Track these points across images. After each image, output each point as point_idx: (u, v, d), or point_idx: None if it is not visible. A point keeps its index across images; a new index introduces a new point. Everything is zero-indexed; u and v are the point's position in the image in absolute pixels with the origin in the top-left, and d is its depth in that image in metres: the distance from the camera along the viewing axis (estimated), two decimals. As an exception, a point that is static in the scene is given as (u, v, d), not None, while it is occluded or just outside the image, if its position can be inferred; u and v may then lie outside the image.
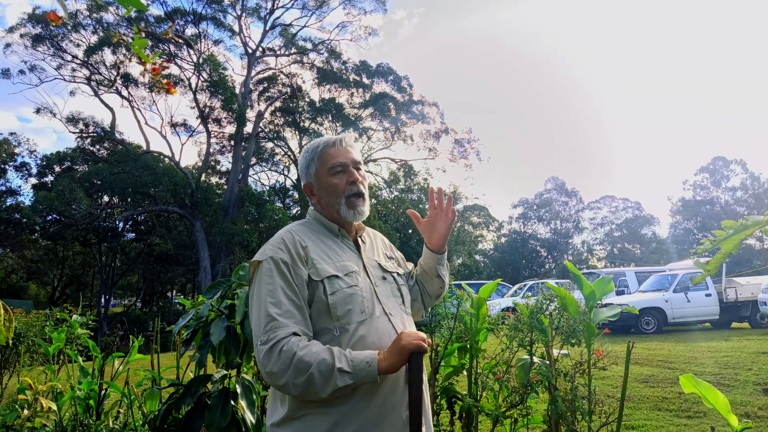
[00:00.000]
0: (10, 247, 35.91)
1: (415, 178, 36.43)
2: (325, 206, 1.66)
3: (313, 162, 1.67)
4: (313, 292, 1.48)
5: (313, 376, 1.33)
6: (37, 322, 5.22)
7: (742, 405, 5.35)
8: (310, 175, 1.68)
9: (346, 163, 1.65)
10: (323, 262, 1.53)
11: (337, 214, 1.64)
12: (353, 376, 1.35)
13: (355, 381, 1.35)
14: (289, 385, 1.34)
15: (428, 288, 1.87)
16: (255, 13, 30.71)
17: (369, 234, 1.80)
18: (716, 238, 1.04)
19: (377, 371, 1.37)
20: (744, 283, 14.75)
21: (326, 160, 1.65)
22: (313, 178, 1.67)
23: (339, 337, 1.45)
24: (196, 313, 2.42)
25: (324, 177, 1.65)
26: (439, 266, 1.82)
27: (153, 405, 3.29)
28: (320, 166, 1.66)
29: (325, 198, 1.65)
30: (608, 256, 51.92)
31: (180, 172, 27.72)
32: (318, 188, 1.67)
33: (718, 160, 47.88)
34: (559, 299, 2.95)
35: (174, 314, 29.61)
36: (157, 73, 1.85)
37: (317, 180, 1.66)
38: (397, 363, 1.40)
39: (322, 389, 1.33)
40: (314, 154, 1.67)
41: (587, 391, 2.85)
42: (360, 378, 1.36)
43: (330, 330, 1.46)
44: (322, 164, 1.66)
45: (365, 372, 1.37)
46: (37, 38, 25.98)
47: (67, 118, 27.42)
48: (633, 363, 7.70)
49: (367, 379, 1.37)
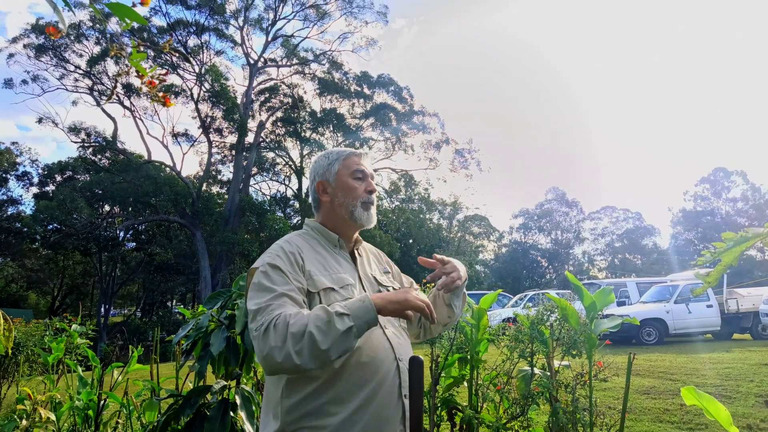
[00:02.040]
0: (11, 257, 35.91)
1: (416, 188, 36.53)
2: (338, 206, 1.67)
3: (337, 162, 1.71)
4: (309, 303, 1.47)
5: (312, 335, 1.30)
6: (37, 331, 5.22)
7: (744, 417, 5.32)
8: (330, 173, 1.70)
9: (367, 173, 1.71)
10: (320, 275, 1.53)
11: (348, 216, 1.66)
12: (351, 316, 1.33)
13: (354, 320, 1.33)
14: (292, 355, 1.29)
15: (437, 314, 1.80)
16: (257, 25, 30.96)
17: (365, 248, 1.81)
18: (717, 250, 1.04)
19: (372, 305, 1.36)
20: (745, 294, 14.71)
21: (350, 164, 1.70)
22: (332, 176, 1.69)
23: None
24: (196, 324, 2.41)
25: (345, 178, 1.68)
26: (452, 296, 1.78)
27: (152, 416, 3.27)
28: (343, 168, 1.69)
29: (340, 197, 1.67)
30: (609, 267, 51.82)
31: (181, 181, 27.80)
32: (335, 187, 1.68)
33: (719, 171, 47.91)
34: (560, 310, 2.94)
35: (174, 324, 29.57)
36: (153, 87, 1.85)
37: (337, 179, 1.69)
38: (392, 307, 1.40)
39: (324, 342, 1.29)
40: (339, 156, 1.72)
41: (588, 403, 2.83)
42: (357, 315, 1.34)
43: None
44: (345, 166, 1.70)
45: (361, 308, 1.35)
46: (40, 48, 26.18)
47: (69, 128, 27.61)
48: (634, 374, 7.67)
49: (366, 315, 1.35)
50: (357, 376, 1.43)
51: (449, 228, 42.53)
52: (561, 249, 51.09)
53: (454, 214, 42.97)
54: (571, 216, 52.31)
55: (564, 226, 51.86)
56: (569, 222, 52.15)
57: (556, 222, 51.78)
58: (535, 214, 52.31)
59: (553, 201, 52.46)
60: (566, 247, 51.52)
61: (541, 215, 51.95)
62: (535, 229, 52.13)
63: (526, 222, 52.36)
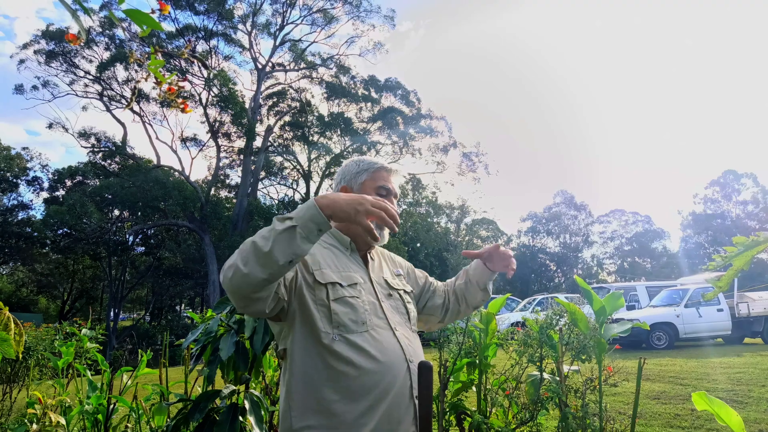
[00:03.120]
0: (21, 261, 36.22)
1: (424, 191, 36.51)
2: None
3: (365, 172, 1.72)
4: (318, 293, 1.48)
5: (254, 242, 1.29)
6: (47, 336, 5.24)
7: (756, 423, 5.27)
8: (356, 181, 1.72)
9: (391, 191, 1.73)
10: (328, 269, 1.54)
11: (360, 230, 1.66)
12: (294, 218, 1.30)
13: (297, 221, 1.29)
14: (240, 267, 1.28)
15: (469, 298, 1.89)
16: (265, 29, 31.13)
17: (378, 252, 1.81)
18: (727, 255, 1.03)
19: (314, 203, 1.31)
20: (756, 298, 14.58)
21: (378, 177, 1.72)
22: (357, 185, 1.71)
23: (337, 342, 1.45)
24: (205, 328, 2.42)
25: (368, 190, 1.69)
26: (489, 281, 1.87)
27: (161, 420, 3.28)
28: (370, 180, 1.71)
29: None
30: (618, 271, 51.53)
31: (190, 186, 27.94)
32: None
33: (729, 174, 47.60)
34: (569, 314, 2.93)
35: (183, 328, 29.65)
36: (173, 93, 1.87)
37: (361, 189, 1.70)
38: (341, 212, 1.33)
39: (266, 245, 1.27)
40: (370, 167, 1.73)
41: (598, 408, 2.81)
42: (299, 215, 1.30)
43: (329, 334, 1.45)
44: (373, 179, 1.71)
45: (303, 208, 1.32)
46: (51, 54, 26.45)
47: (79, 133, 27.85)
48: (644, 379, 7.61)
49: (308, 212, 1.30)
50: (367, 376, 1.43)
51: (457, 232, 42.48)
52: (570, 253, 50.87)
53: (462, 218, 42.94)
54: (579, 219, 52.09)
55: (572, 230, 51.64)
56: (578, 225, 51.92)
57: (564, 225, 51.57)
58: (543, 217, 52.14)
59: (561, 204, 52.28)
60: (575, 251, 51.28)
61: (550, 218, 51.77)
62: (544, 233, 51.95)
63: (534, 225, 52.21)
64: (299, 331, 1.47)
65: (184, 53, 2.03)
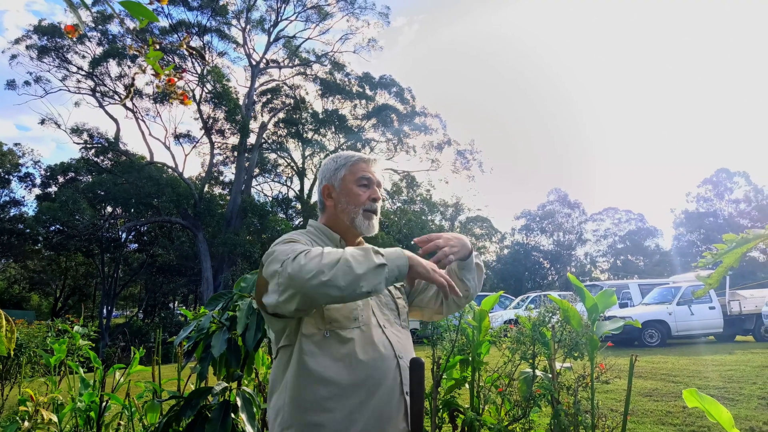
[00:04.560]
0: (13, 258, 36.03)
1: (418, 189, 36.46)
2: (340, 212, 1.67)
3: (344, 167, 1.70)
4: None
5: (348, 260, 1.31)
6: (39, 333, 5.22)
7: (746, 419, 5.30)
8: (336, 178, 1.70)
9: (372, 180, 1.71)
10: None
11: (350, 222, 1.66)
12: (386, 257, 1.36)
13: (388, 261, 1.35)
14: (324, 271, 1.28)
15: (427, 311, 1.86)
16: (259, 26, 30.96)
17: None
18: (718, 252, 1.03)
19: (405, 255, 1.40)
20: (748, 296, 14.69)
21: (357, 170, 1.70)
22: (338, 181, 1.69)
23: (329, 339, 1.45)
24: (198, 325, 2.41)
25: (349, 184, 1.68)
26: (461, 270, 1.75)
27: (154, 417, 3.27)
28: (349, 174, 1.69)
29: (343, 203, 1.67)
30: (611, 268, 51.75)
31: (183, 182, 27.81)
32: (339, 193, 1.69)
33: (722, 172, 47.83)
34: (562, 312, 2.94)
35: (176, 325, 29.57)
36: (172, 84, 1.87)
37: (342, 185, 1.69)
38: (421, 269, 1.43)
39: (359, 267, 1.30)
40: (347, 161, 1.71)
41: (590, 405, 2.83)
42: (391, 258, 1.37)
43: (321, 331, 1.46)
44: (351, 172, 1.69)
45: (394, 253, 1.39)
46: (43, 50, 26.20)
47: (71, 129, 27.61)
48: (636, 376, 7.65)
49: (398, 260, 1.38)
50: (356, 373, 1.44)
51: (451, 229, 42.47)
52: (563, 250, 51.03)
53: (456, 216, 42.94)
54: (573, 217, 52.28)
55: (566, 228, 51.81)
56: (571, 223, 52.10)
57: (558, 223, 51.72)
58: (537, 215, 52.27)
59: (555, 202, 52.42)
60: (568, 249, 51.45)
61: (543, 216, 51.90)
62: (537, 231, 52.09)
63: (528, 223, 52.33)
64: (295, 328, 1.48)
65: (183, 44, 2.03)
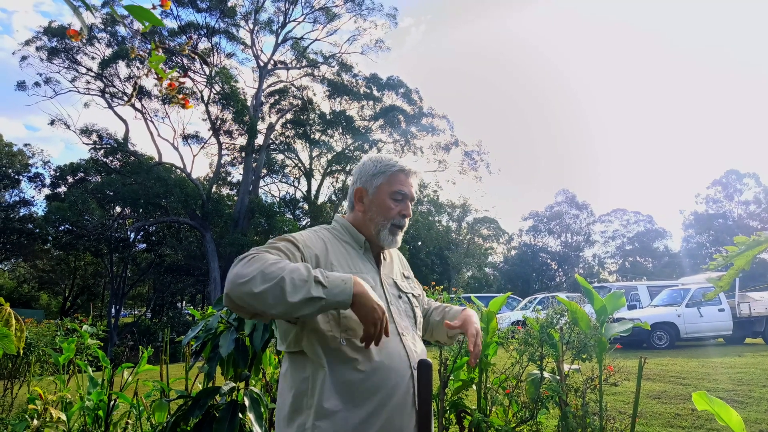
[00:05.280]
0: (23, 257, 36.32)
1: (425, 190, 36.47)
2: (368, 219, 1.65)
3: (381, 175, 1.66)
4: None
5: (284, 281, 1.26)
6: (48, 332, 5.25)
7: (756, 423, 5.26)
8: (372, 184, 1.66)
9: (407, 195, 1.67)
10: (341, 268, 1.51)
11: (375, 233, 1.64)
12: (327, 290, 1.29)
13: (327, 295, 1.28)
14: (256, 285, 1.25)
15: (435, 335, 1.87)
16: (267, 27, 31.07)
17: (390, 252, 1.78)
18: (729, 254, 1.03)
19: (350, 293, 1.31)
20: (758, 298, 14.56)
21: (394, 181, 1.66)
22: (373, 188, 1.66)
23: (344, 347, 1.42)
24: (206, 325, 2.42)
25: (383, 195, 1.64)
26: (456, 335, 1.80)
27: (161, 417, 3.28)
28: (386, 183, 1.65)
29: (373, 212, 1.64)
30: (620, 270, 51.50)
31: (191, 183, 27.95)
32: (371, 200, 1.66)
33: (731, 174, 47.50)
34: (570, 313, 2.92)
35: (183, 325, 29.71)
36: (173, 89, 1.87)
37: (376, 193, 1.65)
38: (363, 310, 1.32)
39: (293, 293, 1.26)
40: (387, 169, 1.66)
41: (598, 408, 2.81)
42: (333, 292, 1.29)
43: (336, 338, 1.43)
44: (389, 182, 1.65)
45: (339, 288, 1.30)
46: (53, 51, 26.41)
47: (81, 130, 27.82)
48: (645, 379, 7.60)
49: (340, 296, 1.30)
50: (370, 382, 1.41)
51: (458, 230, 42.44)
52: (571, 252, 50.85)
53: (464, 217, 42.84)
54: (581, 218, 52.06)
55: (574, 229, 51.61)
56: (579, 224, 51.89)
57: (566, 224, 51.54)
58: (544, 216, 52.10)
59: (563, 203, 52.25)
60: (576, 250, 51.26)
61: (551, 218, 51.74)
62: (545, 232, 51.93)
63: (535, 224, 52.18)
64: (306, 332, 1.45)
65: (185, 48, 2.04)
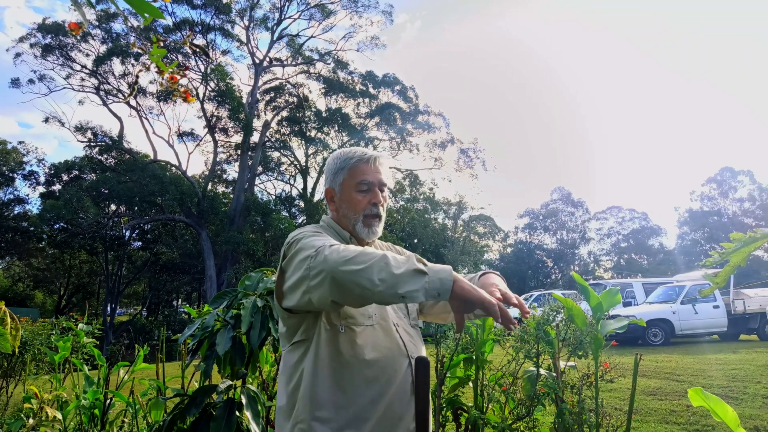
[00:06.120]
0: (17, 256, 36.18)
1: (421, 187, 36.46)
2: (342, 217, 1.65)
3: (342, 171, 1.65)
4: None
5: (387, 258, 1.20)
6: (43, 330, 5.24)
7: (751, 419, 5.29)
8: (336, 182, 1.66)
9: (373, 183, 1.64)
10: None
11: (351, 228, 1.64)
12: (428, 267, 1.20)
13: (429, 271, 1.19)
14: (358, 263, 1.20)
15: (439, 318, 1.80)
16: (262, 24, 31.02)
17: (377, 245, 1.78)
18: (724, 251, 1.03)
19: (453, 277, 1.20)
20: (752, 295, 14.64)
21: (355, 174, 1.63)
22: (337, 186, 1.66)
23: (344, 334, 1.44)
24: (202, 323, 2.42)
25: (348, 190, 1.63)
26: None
27: (158, 415, 3.28)
28: (348, 178, 1.64)
29: (344, 209, 1.64)
30: (615, 267, 51.64)
31: (187, 181, 27.88)
32: (339, 198, 1.65)
33: (726, 171, 47.69)
34: (566, 310, 2.93)
35: (179, 323, 29.63)
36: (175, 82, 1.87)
37: (341, 190, 1.65)
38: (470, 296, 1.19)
39: (397, 267, 1.19)
40: (346, 164, 1.65)
41: (594, 404, 2.82)
42: (434, 269, 1.20)
43: (335, 326, 1.45)
44: (350, 177, 1.63)
45: (440, 267, 1.22)
46: (47, 48, 26.29)
47: (75, 128, 27.71)
48: (640, 375, 7.64)
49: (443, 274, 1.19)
50: (368, 371, 1.43)
51: (454, 228, 42.42)
52: (566, 249, 50.98)
53: (459, 214, 42.83)
54: (576, 216, 52.23)
55: (569, 226, 51.76)
56: (575, 222, 52.06)
57: (561, 222, 51.68)
58: (540, 214, 52.23)
59: (558, 201, 52.38)
60: (572, 248, 51.40)
61: (547, 215, 51.86)
62: (541, 229, 52.05)
63: (531, 222, 52.31)
64: (312, 323, 1.47)
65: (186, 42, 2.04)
